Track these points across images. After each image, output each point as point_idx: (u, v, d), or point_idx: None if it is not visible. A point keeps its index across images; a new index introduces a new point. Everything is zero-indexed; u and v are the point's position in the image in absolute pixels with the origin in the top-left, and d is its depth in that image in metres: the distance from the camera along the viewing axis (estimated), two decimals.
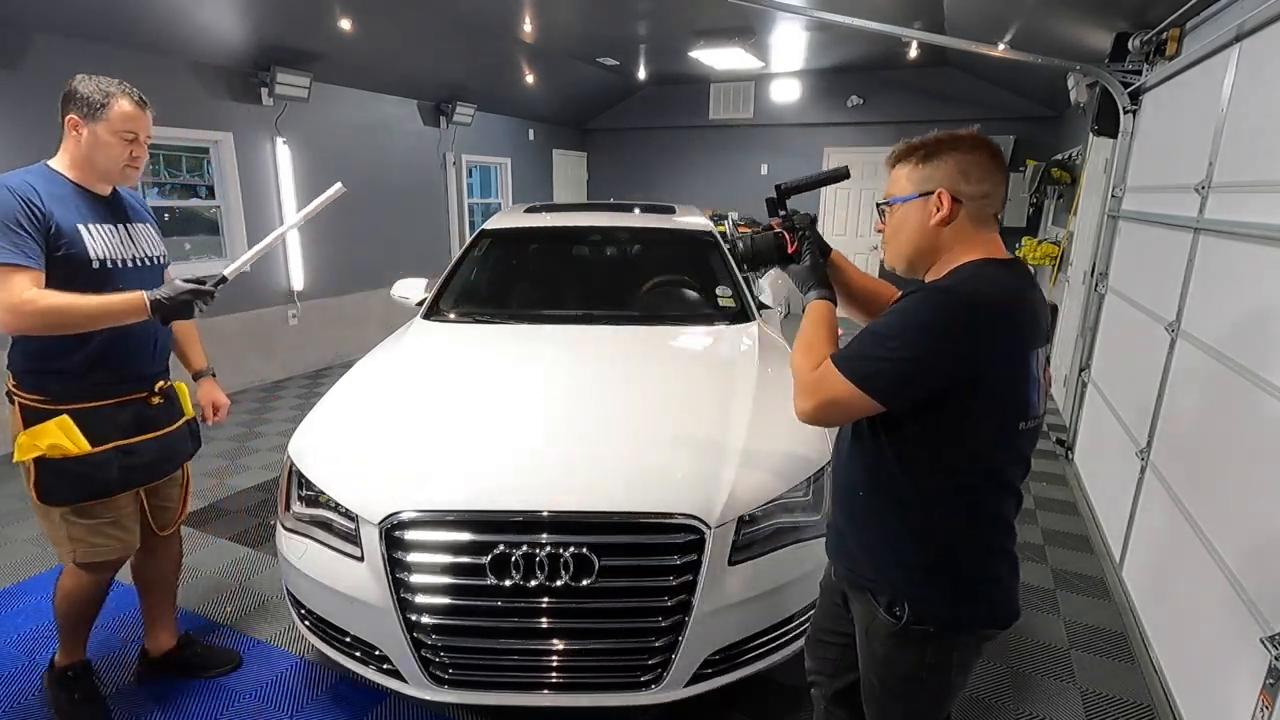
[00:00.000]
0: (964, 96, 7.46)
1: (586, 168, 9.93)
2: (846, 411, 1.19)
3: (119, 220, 1.81)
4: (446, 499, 1.79)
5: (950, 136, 1.21)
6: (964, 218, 1.19)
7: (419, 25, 5.37)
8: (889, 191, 1.28)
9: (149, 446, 1.87)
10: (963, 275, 1.17)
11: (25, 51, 3.99)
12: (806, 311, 1.32)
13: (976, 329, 1.11)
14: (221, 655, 2.30)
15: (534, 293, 3.46)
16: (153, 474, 1.91)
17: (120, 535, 1.86)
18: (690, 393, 2.30)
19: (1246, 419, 1.88)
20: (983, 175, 1.19)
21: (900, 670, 1.28)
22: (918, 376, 1.12)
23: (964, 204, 1.19)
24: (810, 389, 1.19)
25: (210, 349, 2.29)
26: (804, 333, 1.28)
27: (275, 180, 5.57)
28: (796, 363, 1.24)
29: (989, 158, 1.20)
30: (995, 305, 1.13)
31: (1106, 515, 3.15)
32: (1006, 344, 1.13)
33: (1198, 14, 2.80)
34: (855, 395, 1.13)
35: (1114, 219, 3.74)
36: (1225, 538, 1.91)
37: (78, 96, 1.67)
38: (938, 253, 1.23)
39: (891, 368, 1.12)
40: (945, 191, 1.19)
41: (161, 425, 1.91)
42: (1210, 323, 2.24)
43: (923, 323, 1.12)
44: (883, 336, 1.14)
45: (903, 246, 1.26)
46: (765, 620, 1.85)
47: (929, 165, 1.20)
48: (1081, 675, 2.30)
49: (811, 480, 1.95)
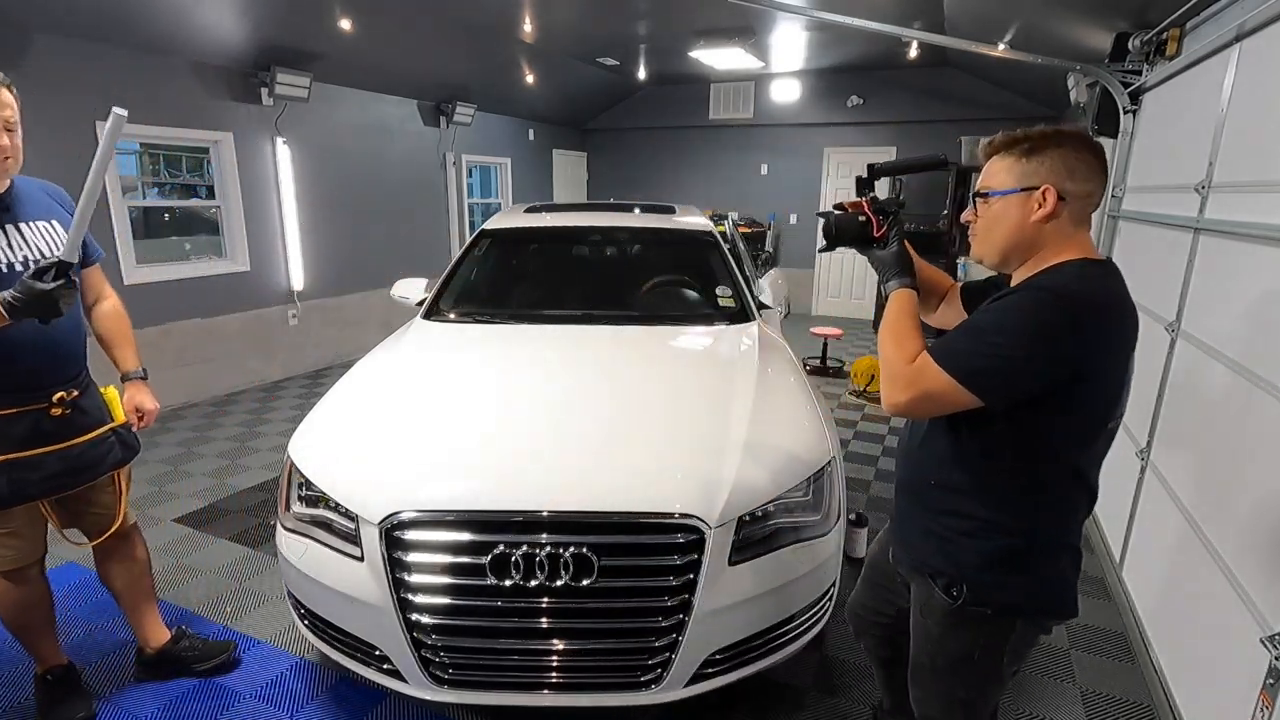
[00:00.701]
0: (964, 96, 7.46)
1: (586, 168, 9.93)
2: (943, 405, 1.17)
3: (4, 221, 1.68)
4: (446, 499, 1.79)
5: (1056, 132, 1.20)
6: (1065, 216, 1.19)
7: (419, 25, 5.37)
8: (986, 183, 1.25)
9: (49, 459, 1.76)
10: (1066, 275, 1.16)
11: (25, 51, 3.99)
12: (892, 300, 1.29)
13: (1083, 331, 1.11)
14: (216, 646, 2.28)
15: (534, 293, 3.46)
16: (58, 486, 1.80)
17: (17, 545, 1.81)
18: (690, 393, 2.30)
19: (1246, 419, 1.88)
20: (1088, 174, 1.18)
21: (954, 650, 1.30)
22: (1022, 375, 1.12)
23: (1067, 202, 1.18)
24: (908, 382, 1.17)
25: (210, 349, 2.28)
26: (893, 323, 1.26)
27: (275, 180, 5.57)
28: (888, 354, 1.22)
29: (1095, 157, 1.19)
30: (1101, 308, 1.13)
31: (1106, 515, 3.15)
32: (1110, 347, 1.14)
33: (1198, 14, 2.80)
34: (956, 390, 1.13)
35: (1114, 219, 3.74)
36: (1225, 538, 1.91)
37: None
38: (1034, 249, 1.22)
39: (996, 365, 1.12)
40: (1051, 188, 1.17)
41: (68, 436, 1.79)
42: (1210, 323, 2.24)
43: (1030, 322, 1.11)
44: (986, 332, 1.13)
45: (998, 240, 1.24)
46: (765, 620, 1.85)
47: (1034, 160, 1.19)
48: (1081, 675, 2.30)
49: (811, 480, 1.95)
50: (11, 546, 1.81)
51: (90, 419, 1.86)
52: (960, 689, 1.35)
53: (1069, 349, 1.11)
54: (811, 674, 2.26)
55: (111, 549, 2.03)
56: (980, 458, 1.22)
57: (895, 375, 1.19)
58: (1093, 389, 1.14)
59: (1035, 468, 1.20)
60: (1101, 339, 1.13)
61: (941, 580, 1.28)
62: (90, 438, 1.85)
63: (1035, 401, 1.14)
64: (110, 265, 4.51)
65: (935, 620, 1.31)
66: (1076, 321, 1.11)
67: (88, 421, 1.85)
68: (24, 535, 1.82)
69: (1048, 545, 1.24)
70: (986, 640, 1.28)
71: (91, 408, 1.87)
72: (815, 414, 2.24)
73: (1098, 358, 1.13)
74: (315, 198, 5.91)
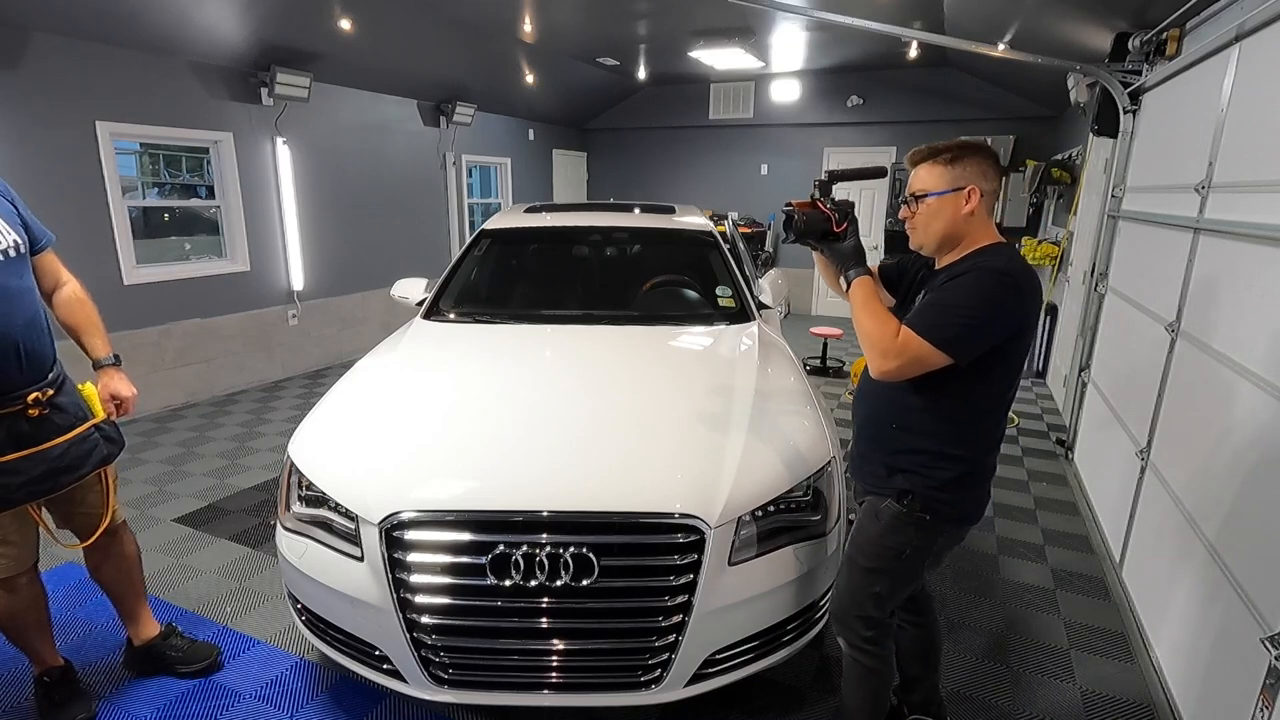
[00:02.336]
0: (964, 96, 7.46)
1: (586, 168, 9.93)
2: (926, 367, 1.45)
3: None
4: (446, 499, 1.79)
5: (969, 143, 1.52)
6: (983, 210, 1.51)
7: (419, 25, 5.37)
8: (922, 186, 1.53)
9: (30, 462, 1.72)
10: (1001, 257, 1.48)
11: (25, 51, 3.99)
12: (857, 286, 1.55)
13: (1024, 299, 1.45)
14: (201, 650, 2.27)
15: (534, 293, 3.46)
16: (42, 490, 1.77)
17: (8, 552, 1.79)
18: (690, 393, 2.30)
19: (1246, 419, 1.88)
20: (995, 176, 1.52)
21: (889, 546, 1.60)
22: (982, 337, 1.43)
23: (984, 199, 1.50)
24: (895, 351, 1.44)
25: (210, 349, 2.27)
26: (866, 305, 1.51)
27: (275, 180, 5.57)
28: (871, 330, 1.48)
29: (996, 163, 1.52)
30: (1028, 280, 1.47)
31: (1106, 515, 3.15)
32: (1035, 306, 1.49)
33: (1198, 14, 2.80)
34: (936, 355, 1.42)
35: (1114, 219, 3.75)
36: (1225, 538, 1.91)
37: None
38: (961, 237, 1.53)
39: (963, 331, 1.42)
40: (976, 188, 1.49)
41: (48, 437, 1.75)
42: (1210, 323, 2.24)
43: (985, 296, 1.43)
44: (955, 308, 1.44)
45: (936, 232, 1.54)
46: (766, 620, 1.85)
47: (958, 166, 1.50)
48: (1081, 675, 2.30)
49: (812, 480, 1.95)
50: (3, 555, 1.80)
51: (69, 417, 1.82)
52: (881, 582, 1.63)
53: (1014, 313, 1.44)
54: (811, 674, 2.26)
55: (102, 546, 2.02)
56: (936, 401, 1.52)
57: (885, 348, 1.45)
58: (1023, 341, 1.49)
59: (978, 404, 1.53)
60: (1032, 303, 1.48)
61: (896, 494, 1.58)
62: (71, 437, 1.80)
63: (987, 353, 1.44)
64: (110, 265, 4.51)
65: (883, 522, 1.60)
66: (1018, 292, 1.44)
67: (67, 420, 1.81)
68: (15, 542, 1.80)
69: (983, 468, 1.59)
70: (920, 542, 1.59)
71: (70, 405, 1.83)
72: (815, 414, 2.24)
73: (1030, 317, 1.48)
74: (315, 198, 5.91)
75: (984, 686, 2.24)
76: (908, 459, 1.57)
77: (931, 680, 1.94)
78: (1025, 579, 2.87)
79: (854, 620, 1.69)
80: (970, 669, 2.32)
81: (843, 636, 1.72)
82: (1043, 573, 2.92)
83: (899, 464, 1.58)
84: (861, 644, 1.69)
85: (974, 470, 1.56)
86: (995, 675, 2.29)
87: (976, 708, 2.15)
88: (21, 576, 1.87)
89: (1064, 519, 3.41)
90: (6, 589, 1.85)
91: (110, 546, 2.06)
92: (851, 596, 1.69)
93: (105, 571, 2.10)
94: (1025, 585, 2.82)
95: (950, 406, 1.52)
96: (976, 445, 1.56)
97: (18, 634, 1.95)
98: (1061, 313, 5.52)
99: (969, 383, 1.48)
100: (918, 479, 1.56)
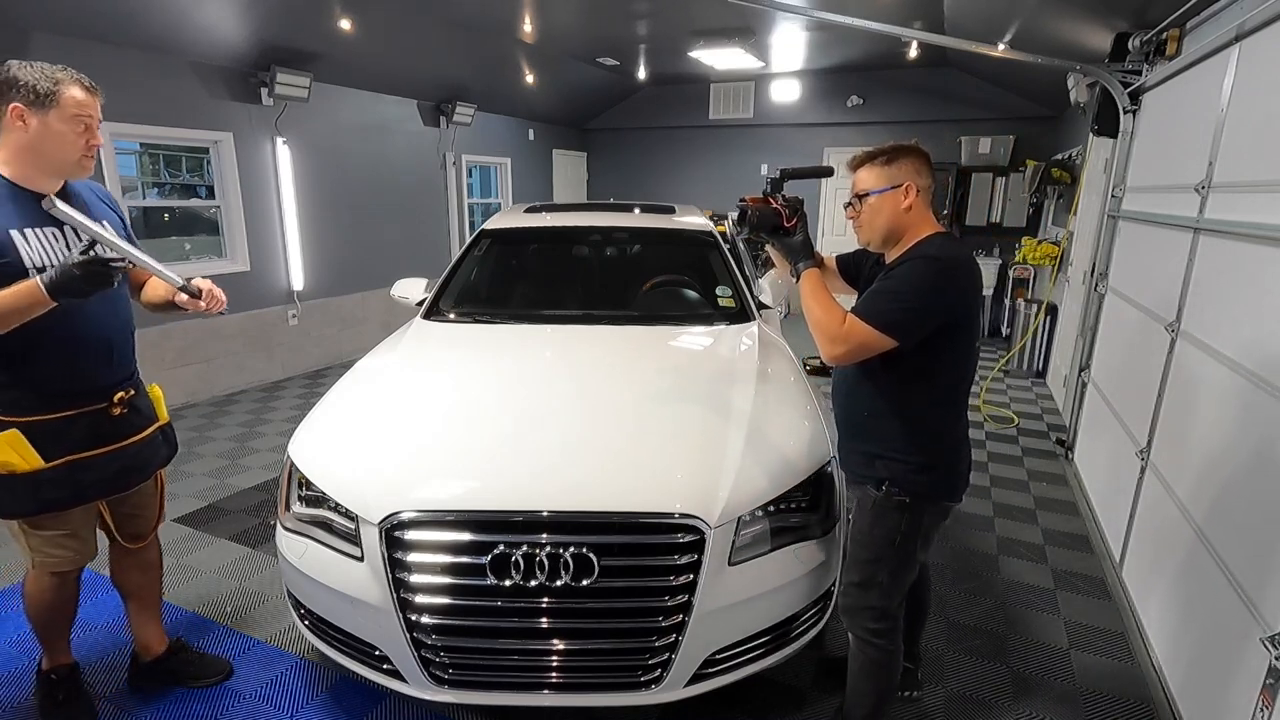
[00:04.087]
0: (964, 96, 7.46)
1: (586, 168, 9.93)
2: (870, 351, 1.56)
3: (65, 221, 1.68)
4: (446, 499, 1.79)
5: (903, 145, 1.65)
6: (920, 203, 1.63)
7: (419, 25, 5.37)
8: (864, 187, 1.66)
9: (108, 460, 1.79)
10: (935, 246, 1.59)
11: (24, 51, 3.98)
12: (806, 278, 1.67)
13: (959, 282, 1.57)
14: (212, 664, 2.26)
15: (534, 293, 3.46)
16: (114, 487, 1.84)
17: (76, 546, 1.82)
18: (690, 393, 2.30)
19: (1247, 419, 1.88)
20: (929, 173, 1.64)
21: (880, 536, 1.69)
22: (925, 319, 1.54)
23: (920, 193, 1.62)
24: (842, 337, 1.56)
25: (210, 349, 2.28)
26: (815, 295, 1.63)
27: (275, 180, 5.57)
28: (820, 318, 1.60)
29: (928, 161, 1.65)
30: (962, 264, 1.58)
31: (1106, 515, 3.15)
32: (974, 290, 1.61)
33: (1198, 14, 2.80)
34: (880, 339, 1.53)
35: (1114, 219, 3.74)
36: (1225, 538, 1.91)
37: (20, 84, 1.53)
38: (903, 230, 1.64)
39: (904, 316, 1.53)
40: (912, 184, 1.61)
41: (124, 436, 1.82)
42: (1210, 323, 2.24)
43: (924, 283, 1.54)
44: (893, 294, 1.55)
45: (879, 227, 1.65)
46: (766, 620, 1.85)
47: (893, 166, 1.62)
48: (1081, 675, 2.30)
49: (812, 480, 1.95)
50: (70, 548, 1.82)
51: (143, 418, 1.89)
52: (882, 572, 1.71)
53: (950, 296, 1.55)
54: (811, 674, 2.26)
55: (132, 550, 2.03)
56: (898, 386, 1.64)
57: (833, 334, 1.57)
58: (968, 321, 1.59)
59: (939, 385, 1.63)
60: (969, 283, 1.59)
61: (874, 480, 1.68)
62: (143, 437, 1.88)
63: (929, 338, 1.55)
64: None
65: (869, 511, 1.70)
66: (952, 276, 1.56)
67: (140, 421, 1.88)
68: (81, 537, 1.83)
69: (954, 446, 1.69)
70: (907, 526, 1.67)
71: (144, 407, 1.90)
72: (815, 414, 2.24)
73: (967, 295, 1.58)
74: (315, 198, 5.91)
75: (984, 686, 2.24)
76: (882, 445, 1.68)
77: (913, 632, 2.08)
78: (1025, 579, 2.87)
79: (862, 613, 1.76)
80: (970, 669, 2.32)
81: (851, 630, 1.80)
82: (1043, 573, 2.92)
83: (875, 450, 1.69)
84: (871, 637, 1.75)
85: (944, 450, 1.67)
86: (995, 675, 2.29)
87: (976, 708, 2.15)
88: (77, 572, 1.89)
89: (1064, 519, 3.41)
90: (62, 583, 1.87)
91: (139, 552, 2.07)
92: (858, 590, 1.75)
93: (130, 575, 2.09)
94: (1025, 585, 2.82)
95: (915, 391, 1.63)
96: (941, 425, 1.67)
97: (47, 627, 1.95)
98: (1061, 313, 5.52)
99: (922, 367, 1.60)
100: (895, 464, 1.65)
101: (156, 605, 2.19)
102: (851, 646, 1.82)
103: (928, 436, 1.65)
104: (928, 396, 1.64)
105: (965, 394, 1.69)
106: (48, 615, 1.92)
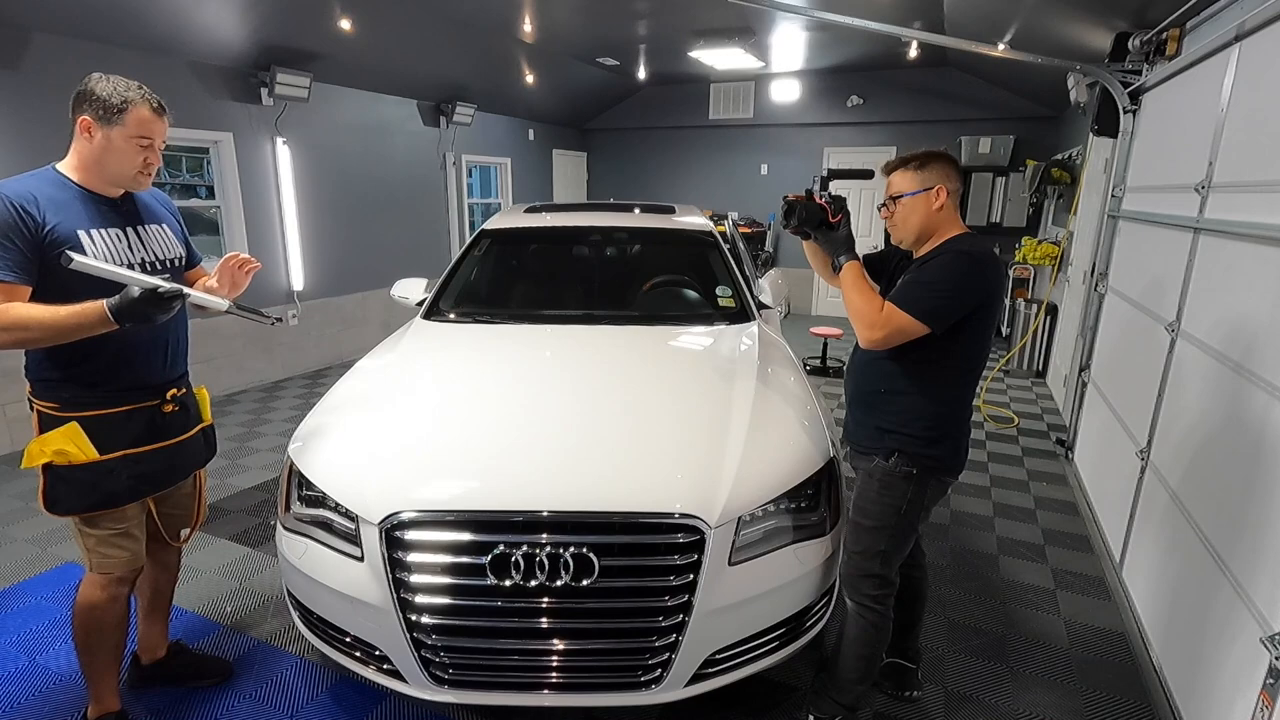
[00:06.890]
0: (964, 96, 7.46)
1: (586, 168, 9.93)
2: (907, 336, 1.69)
3: (127, 224, 1.76)
4: (446, 499, 1.79)
5: (933, 151, 1.79)
6: (950, 204, 1.77)
7: (419, 25, 5.37)
8: (898, 189, 1.80)
9: (159, 455, 1.83)
10: (965, 242, 1.74)
11: (25, 51, 3.99)
12: (847, 269, 1.79)
13: (986, 274, 1.70)
14: (212, 665, 2.26)
15: (534, 293, 3.46)
16: (162, 483, 1.88)
17: (130, 546, 1.83)
18: (690, 393, 2.30)
19: (1246, 419, 1.88)
20: (957, 176, 1.78)
21: (887, 504, 1.80)
22: (957, 308, 1.68)
23: (950, 195, 1.76)
24: (881, 323, 1.69)
25: (210, 349, 2.29)
26: (856, 285, 1.76)
27: (275, 180, 5.57)
28: (860, 306, 1.73)
29: (958, 166, 1.80)
30: (990, 259, 1.71)
31: (1106, 515, 3.15)
32: (999, 282, 1.74)
33: (1198, 14, 2.80)
34: (915, 325, 1.67)
35: (1114, 219, 3.74)
36: (1225, 538, 1.91)
37: (94, 98, 1.61)
38: (934, 229, 1.79)
39: (939, 304, 1.67)
40: (943, 187, 1.75)
41: (174, 433, 1.87)
42: (1210, 323, 2.24)
43: (957, 275, 1.68)
44: (929, 285, 1.69)
45: (913, 227, 1.80)
46: (766, 620, 1.85)
47: (926, 170, 1.76)
48: (1081, 675, 2.30)
49: (812, 480, 1.95)
50: (126, 548, 1.82)
51: (190, 417, 1.94)
52: (885, 540, 1.82)
53: (979, 288, 1.69)
54: (811, 674, 2.26)
55: (154, 550, 2.02)
56: (918, 365, 1.76)
57: (872, 321, 1.70)
58: (991, 310, 1.73)
59: (953, 367, 1.75)
60: (996, 278, 1.72)
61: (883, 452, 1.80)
62: (191, 434, 1.93)
63: (960, 322, 1.68)
64: None
65: (877, 480, 1.82)
66: (982, 270, 1.69)
67: (189, 420, 1.93)
68: (134, 536, 1.84)
69: (962, 422, 1.83)
70: (912, 495, 1.79)
71: (192, 405, 1.96)
72: (815, 414, 2.24)
73: (992, 286, 1.71)
74: (315, 198, 5.91)
75: (984, 686, 2.24)
76: (895, 419, 1.79)
77: (911, 631, 2.15)
78: (1025, 579, 2.87)
79: (862, 580, 1.87)
80: (970, 669, 2.32)
81: (850, 597, 1.90)
82: (1043, 573, 2.92)
83: (887, 424, 1.81)
84: (869, 603, 1.86)
85: (952, 426, 1.80)
86: (995, 675, 2.29)
87: (976, 708, 2.15)
88: (131, 578, 1.87)
89: (1064, 519, 3.41)
90: (116, 590, 1.83)
91: (165, 554, 2.08)
92: (860, 558, 1.86)
93: (148, 573, 2.08)
94: (1025, 585, 2.82)
95: (930, 371, 1.75)
96: (954, 403, 1.79)
97: (94, 652, 1.87)
98: (1061, 313, 5.52)
99: (944, 349, 1.72)
100: (905, 438, 1.78)
101: (166, 607, 2.19)
102: (850, 612, 1.91)
103: (939, 414, 1.77)
104: (944, 377, 1.76)
105: (977, 378, 1.82)
106: (96, 636, 1.85)
